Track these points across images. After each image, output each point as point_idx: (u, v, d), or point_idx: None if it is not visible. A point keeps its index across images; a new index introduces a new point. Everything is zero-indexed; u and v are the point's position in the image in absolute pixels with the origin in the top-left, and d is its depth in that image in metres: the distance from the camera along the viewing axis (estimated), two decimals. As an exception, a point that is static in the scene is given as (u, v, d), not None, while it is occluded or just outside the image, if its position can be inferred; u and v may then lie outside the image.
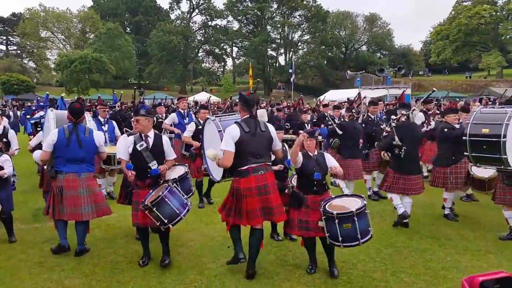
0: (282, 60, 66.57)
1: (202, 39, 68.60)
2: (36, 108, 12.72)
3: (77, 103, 5.25)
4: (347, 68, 58.03)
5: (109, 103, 14.08)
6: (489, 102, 16.62)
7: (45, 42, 65.06)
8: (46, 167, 5.39)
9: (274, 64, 65.94)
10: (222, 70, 73.06)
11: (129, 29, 70.48)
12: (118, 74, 55.43)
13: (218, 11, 66.13)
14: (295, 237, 5.36)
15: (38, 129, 8.20)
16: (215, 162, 4.43)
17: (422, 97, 29.71)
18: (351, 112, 8.26)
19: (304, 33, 65.76)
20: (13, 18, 67.45)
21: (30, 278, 4.50)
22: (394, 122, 6.35)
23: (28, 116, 11.45)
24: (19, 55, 69.75)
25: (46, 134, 5.66)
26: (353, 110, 8.54)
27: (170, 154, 4.97)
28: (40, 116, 8.85)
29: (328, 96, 34.97)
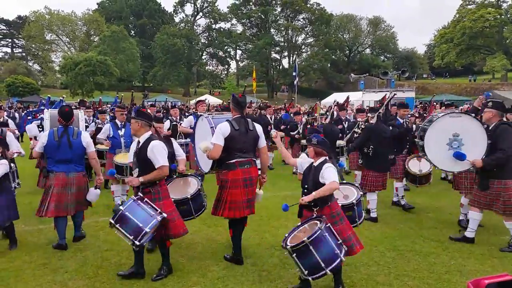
0: (285, 63, 66.86)
1: (206, 42, 68.90)
2: (38, 110, 12.80)
3: (66, 107, 5.57)
4: (351, 71, 58.20)
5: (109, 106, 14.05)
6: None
7: (50, 44, 65.53)
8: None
9: (277, 67, 66.14)
10: (225, 72, 73.30)
11: (133, 32, 70.91)
12: (123, 76, 55.82)
13: (222, 14, 66.39)
14: None
15: (40, 130, 8.21)
16: (206, 155, 4.71)
17: (426, 100, 29.75)
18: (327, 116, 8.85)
19: (307, 36, 65.96)
20: (18, 21, 67.98)
21: (34, 279, 4.51)
22: (363, 124, 7.14)
23: (29, 117, 11.54)
24: (24, 58, 70.26)
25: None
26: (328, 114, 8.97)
27: (157, 162, 4.38)
28: (41, 118, 8.86)
29: (331, 99, 34.92)
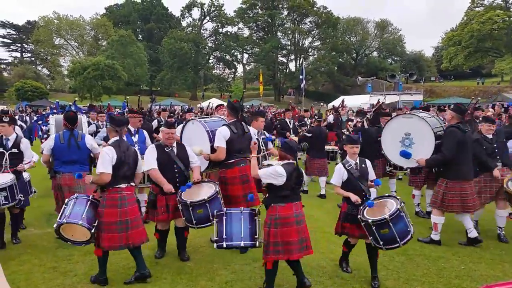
0: (292, 66, 66.77)
1: (213, 46, 69.11)
2: (48, 114, 12.95)
3: (71, 112, 5.96)
4: (358, 74, 57.98)
5: (118, 109, 14.10)
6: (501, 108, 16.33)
7: (58, 49, 66.03)
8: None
9: (284, 70, 66.12)
10: (232, 76, 73.44)
11: (141, 36, 71.28)
12: (130, 80, 56.15)
13: (229, 18, 66.57)
14: None
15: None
16: (202, 157, 5.31)
17: (434, 103, 29.59)
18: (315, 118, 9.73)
19: (314, 39, 65.85)
20: (27, 26, 68.65)
21: (43, 283, 4.55)
22: (352, 127, 8.19)
23: (40, 122, 11.76)
24: (33, 62, 70.89)
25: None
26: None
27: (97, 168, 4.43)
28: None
29: (338, 102, 34.70)
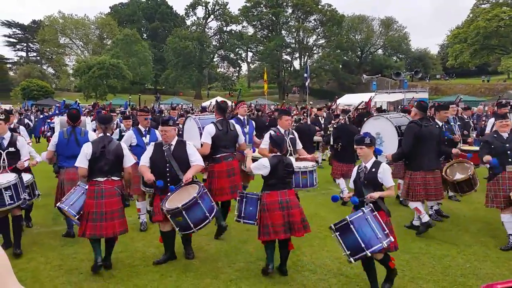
0: (297, 64, 66.70)
1: (217, 45, 69.06)
2: (53, 114, 13.07)
3: (74, 110, 6.22)
4: (363, 72, 57.76)
5: (121, 108, 14.16)
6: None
7: (63, 48, 66.32)
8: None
9: (289, 68, 66.01)
10: (237, 75, 73.39)
11: (145, 35, 71.35)
12: (135, 79, 56.27)
13: (233, 17, 66.47)
14: None
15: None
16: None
17: (440, 101, 29.41)
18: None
19: (319, 37, 65.70)
20: (33, 25, 68.85)
21: (50, 280, 4.58)
22: (335, 124, 8.55)
23: (48, 120, 11.91)
24: (39, 61, 71.13)
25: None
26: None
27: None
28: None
29: (342, 100, 34.62)
